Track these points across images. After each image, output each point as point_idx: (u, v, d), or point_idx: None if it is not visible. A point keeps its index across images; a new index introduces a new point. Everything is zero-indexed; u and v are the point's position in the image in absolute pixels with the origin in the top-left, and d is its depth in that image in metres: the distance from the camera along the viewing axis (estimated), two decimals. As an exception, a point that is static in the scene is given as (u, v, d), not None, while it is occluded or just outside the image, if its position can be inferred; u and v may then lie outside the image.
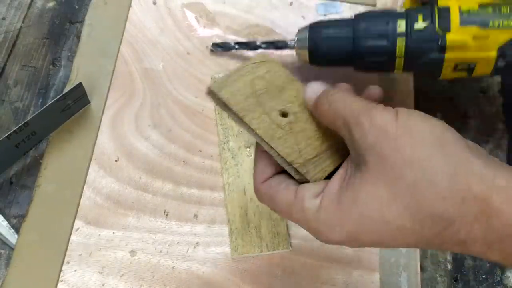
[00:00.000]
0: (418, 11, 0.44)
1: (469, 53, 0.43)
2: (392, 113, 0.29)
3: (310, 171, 0.33)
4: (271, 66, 0.36)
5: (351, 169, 0.31)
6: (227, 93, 0.33)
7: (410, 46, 0.44)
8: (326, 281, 0.45)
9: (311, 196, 0.31)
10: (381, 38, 0.44)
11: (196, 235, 0.46)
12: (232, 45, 0.53)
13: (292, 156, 0.33)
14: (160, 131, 0.50)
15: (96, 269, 0.44)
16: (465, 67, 0.44)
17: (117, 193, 0.47)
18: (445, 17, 0.43)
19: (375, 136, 0.29)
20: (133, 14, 0.56)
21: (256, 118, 0.33)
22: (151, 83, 0.53)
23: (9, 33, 0.55)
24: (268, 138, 0.33)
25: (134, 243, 0.45)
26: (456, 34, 0.43)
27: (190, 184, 0.48)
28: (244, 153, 0.49)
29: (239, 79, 0.34)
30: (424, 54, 0.44)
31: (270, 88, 0.35)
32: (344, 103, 0.31)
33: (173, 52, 0.55)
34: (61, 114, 0.48)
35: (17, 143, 0.46)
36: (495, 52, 0.43)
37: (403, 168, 0.28)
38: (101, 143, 0.49)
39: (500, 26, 0.42)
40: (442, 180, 0.27)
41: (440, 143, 0.28)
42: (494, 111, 0.54)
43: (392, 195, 0.28)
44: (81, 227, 0.46)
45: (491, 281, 0.47)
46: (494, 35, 0.42)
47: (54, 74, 0.53)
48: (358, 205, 0.29)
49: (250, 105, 0.33)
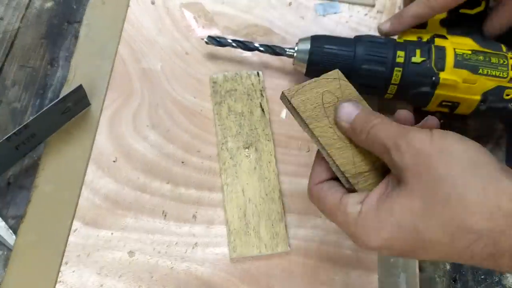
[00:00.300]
0: (416, 46, 0.47)
1: (457, 93, 0.47)
2: (427, 134, 0.31)
3: (360, 183, 0.36)
4: (342, 83, 0.39)
5: (391, 184, 0.33)
6: (298, 100, 0.37)
7: (406, 77, 0.47)
8: (325, 281, 0.45)
9: (354, 203, 0.34)
10: (380, 65, 0.47)
11: (195, 235, 0.46)
12: (228, 41, 0.52)
13: (346, 166, 0.36)
14: (159, 132, 0.50)
15: (94, 270, 0.44)
16: (449, 104, 0.48)
17: (115, 194, 0.47)
18: (441, 57, 0.46)
19: (411, 156, 0.31)
20: (131, 14, 0.56)
21: (320, 127, 0.37)
22: (149, 83, 0.53)
23: (7, 33, 0.55)
24: (328, 146, 0.36)
25: (132, 244, 0.45)
26: (449, 74, 0.46)
27: (188, 185, 0.48)
28: (242, 154, 0.49)
29: (311, 89, 0.38)
30: (417, 86, 0.47)
31: (337, 103, 0.38)
32: (381, 131, 0.34)
33: (172, 52, 0.54)
34: (61, 116, 0.48)
35: (16, 145, 0.46)
36: (479, 96, 0.47)
37: (437, 184, 0.30)
38: (99, 144, 0.49)
39: (488, 74, 0.46)
40: (472, 196, 0.29)
41: (473, 163, 0.30)
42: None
43: (425, 208, 0.30)
44: (79, 228, 0.46)
45: (489, 281, 0.47)
46: (481, 81, 0.46)
47: (52, 74, 0.53)
48: (394, 215, 0.31)
49: (317, 114, 0.37)
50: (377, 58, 0.47)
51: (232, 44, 0.52)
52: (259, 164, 0.49)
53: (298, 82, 0.54)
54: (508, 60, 0.46)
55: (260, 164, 0.49)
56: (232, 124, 0.50)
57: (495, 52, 0.47)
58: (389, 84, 0.48)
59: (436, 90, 0.47)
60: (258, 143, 0.50)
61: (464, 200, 0.29)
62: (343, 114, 0.36)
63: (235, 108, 0.51)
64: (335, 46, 0.48)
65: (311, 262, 0.45)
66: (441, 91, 0.47)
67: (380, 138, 0.33)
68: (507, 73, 0.46)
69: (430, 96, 0.47)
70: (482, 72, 0.46)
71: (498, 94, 0.46)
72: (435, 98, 0.47)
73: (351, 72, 0.47)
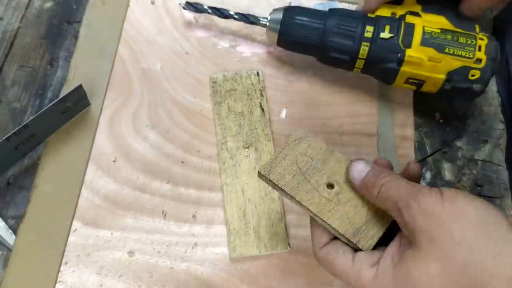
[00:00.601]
0: (387, 22, 0.47)
1: (422, 71, 0.47)
2: (438, 196, 0.32)
3: (361, 239, 0.35)
4: (309, 141, 0.40)
5: (404, 246, 0.33)
6: (276, 175, 0.38)
7: (373, 52, 0.47)
8: (325, 282, 0.45)
9: (367, 267, 0.34)
10: (348, 38, 0.47)
11: (195, 235, 0.46)
12: (204, 7, 0.53)
13: (344, 227, 0.36)
14: (158, 132, 0.50)
15: (94, 270, 0.44)
16: (415, 82, 0.48)
17: (115, 194, 0.47)
18: (409, 34, 0.46)
19: (424, 219, 0.31)
20: (131, 14, 0.56)
21: (306, 195, 0.37)
22: (149, 83, 0.53)
23: (6, 33, 0.55)
24: (320, 213, 0.36)
25: (132, 244, 0.45)
26: (415, 52, 0.46)
27: (188, 185, 0.48)
28: (242, 154, 0.49)
29: (284, 158, 0.38)
30: (383, 62, 0.47)
31: (313, 163, 0.38)
32: (393, 188, 0.34)
33: (171, 52, 0.54)
34: (60, 116, 0.48)
35: (16, 145, 0.46)
36: (444, 75, 0.47)
37: (453, 249, 0.30)
38: (99, 144, 0.49)
39: (454, 53, 0.46)
40: (489, 260, 0.29)
41: (485, 225, 0.31)
42: (493, 111, 0.54)
43: (443, 273, 0.30)
44: (79, 228, 0.46)
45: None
46: (446, 60, 0.46)
47: (51, 75, 0.53)
48: (411, 279, 0.31)
49: (299, 183, 0.37)
50: (345, 32, 0.47)
51: (208, 11, 0.53)
52: (259, 164, 0.49)
53: (298, 81, 0.54)
54: (476, 40, 0.46)
55: (260, 164, 0.48)
56: (232, 124, 0.50)
57: (465, 32, 0.47)
58: (356, 58, 0.48)
59: (402, 66, 0.47)
60: (257, 143, 0.50)
61: (481, 265, 0.30)
62: (355, 171, 0.37)
63: (234, 108, 0.51)
64: (306, 18, 0.49)
65: (311, 262, 0.45)
66: (406, 68, 0.47)
67: (391, 197, 0.34)
68: (473, 54, 0.46)
69: (396, 72, 0.47)
70: (448, 51, 0.46)
71: (463, 74, 0.46)
72: (401, 75, 0.48)
73: (320, 44, 0.48)
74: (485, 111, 0.54)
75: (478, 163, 0.51)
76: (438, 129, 0.53)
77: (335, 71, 0.54)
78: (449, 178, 0.50)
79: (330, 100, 0.53)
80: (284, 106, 0.52)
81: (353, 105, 0.53)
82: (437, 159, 0.51)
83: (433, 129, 0.53)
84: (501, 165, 0.51)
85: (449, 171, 0.51)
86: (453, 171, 0.51)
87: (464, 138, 0.52)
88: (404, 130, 0.52)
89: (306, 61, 0.54)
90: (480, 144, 0.52)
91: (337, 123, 0.52)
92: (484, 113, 0.54)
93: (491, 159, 0.51)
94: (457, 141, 0.52)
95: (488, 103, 0.54)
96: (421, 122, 0.53)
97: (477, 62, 0.46)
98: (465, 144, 0.52)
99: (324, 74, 0.54)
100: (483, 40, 0.46)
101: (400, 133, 0.52)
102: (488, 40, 0.46)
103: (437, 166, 0.51)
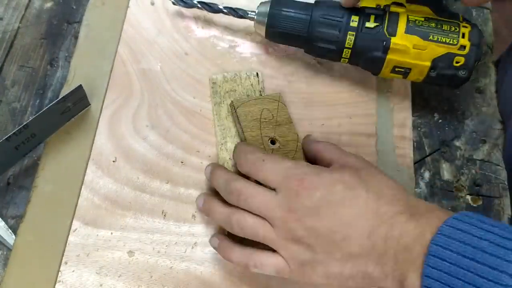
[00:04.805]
0: (371, 11, 0.48)
1: (408, 59, 0.48)
2: None
3: None
4: (281, 106, 0.49)
5: None
6: (242, 111, 0.48)
7: (358, 41, 0.48)
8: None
9: None
10: (334, 28, 0.48)
11: (194, 235, 0.46)
12: (194, 2, 0.54)
13: None
14: (158, 132, 0.50)
15: (94, 270, 0.44)
16: (401, 70, 0.49)
17: (114, 194, 0.47)
18: (394, 22, 0.48)
19: None
20: (130, 14, 0.56)
21: (252, 138, 0.46)
22: (149, 83, 0.53)
23: (6, 33, 0.55)
24: None
25: (132, 244, 0.45)
26: (400, 40, 0.47)
27: (188, 185, 0.48)
28: (242, 154, 0.49)
29: (255, 105, 0.48)
30: (370, 51, 0.48)
31: (272, 120, 0.48)
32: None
33: (171, 53, 0.55)
34: (60, 116, 0.48)
35: (16, 145, 0.46)
36: (429, 63, 0.48)
37: None
38: (99, 144, 0.49)
39: (438, 40, 0.47)
40: None
41: None
42: (491, 112, 0.54)
43: None
44: (78, 228, 0.46)
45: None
46: (431, 48, 0.47)
47: (51, 75, 0.53)
48: None
49: (253, 126, 0.47)
50: (331, 22, 0.48)
51: (198, 6, 0.54)
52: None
53: (297, 82, 0.54)
54: (460, 28, 0.47)
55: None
56: (231, 125, 0.50)
57: (449, 20, 0.48)
58: (343, 48, 0.49)
59: (388, 55, 0.48)
60: (257, 143, 0.50)
61: None
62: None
63: (234, 108, 0.51)
64: (292, 9, 0.50)
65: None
66: (392, 56, 0.48)
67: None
68: (457, 40, 0.47)
69: (382, 61, 0.48)
70: (432, 39, 0.47)
71: (448, 61, 0.47)
72: (387, 63, 0.48)
73: (307, 35, 0.49)
74: (484, 111, 0.54)
75: (476, 163, 0.51)
76: (436, 129, 0.53)
77: (333, 72, 0.54)
78: (448, 178, 0.50)
79: (329, 100, 0.53)
80: (284, 107, 0.52)
81: (352, 105, 0.53)
82: (435, 159, 0.51)
83: (431, 129, 0.53)
84: (500, 165, 0.51)
85: (448, 171, 0.51)
86: (452, 171, 0.51)
87: (462, 138, 0.53)
88: (403, 130, 0.52)
89: (305, 62, 0.55)
90: (478, 144, 0.52)
91: (336, 123, 0.52)
92: (482, 113, 0.54)
93: (490, 159, 0.52)
94: (455, 141, 0.52)
95: (486, 103, 0.55)
96: (419, 122, 0.53)
97: (461, 48, 0.47)
98: (464, 144, 0.52)
99: (323, 75, 0.54)
100: (467, 28, 0.47)
101: (398, 133, 0.52)
102: (471, 27, 0.48)
103: (436, 166, 0.51)
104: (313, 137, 0.47)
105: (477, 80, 0.56)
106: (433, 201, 0.49)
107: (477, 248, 0.32)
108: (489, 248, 0.32)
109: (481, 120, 0.54)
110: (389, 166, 0.50)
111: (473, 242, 0.32)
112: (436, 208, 0.37)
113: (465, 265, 0.32)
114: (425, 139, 0.52)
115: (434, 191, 0.50)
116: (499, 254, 0.31)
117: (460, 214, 0.35)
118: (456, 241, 0.33)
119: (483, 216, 0.35)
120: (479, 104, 0.54)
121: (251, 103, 0.48)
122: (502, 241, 0.32)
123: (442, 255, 0.32)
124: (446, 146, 0.52)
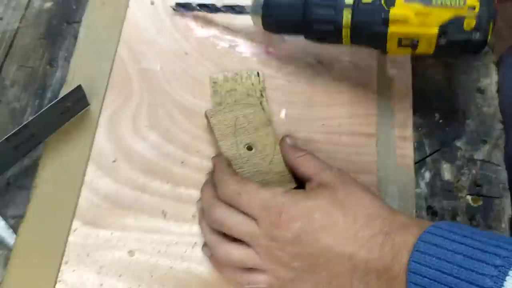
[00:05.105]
0: None
1: (411, 29, 0.45)
2: None
3: None
4: (256, 109, 0.49)
5: None
6: (216, 120, 0.48)
7: (356, 18, 0.46)
8: (324, 281, 0.45)
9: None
10: (329, 8, 0.47)
11: (194, 235, 0.46)
12: (193, 6, 0.54)
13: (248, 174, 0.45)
14: (158, 132, 0.50)
15: (94, 269, 0.44)
16: (408, 42, 0.46)
17: (115, 194, 0.47)
18: None
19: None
20: (130, 14, 0.56)
21: (227, 145, 0.46)
22: (149, 83, 0.53)
23: (6, 33, 0.55)
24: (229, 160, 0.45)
25: (132, 243, 0.45)
26: (400, 9, 0.44)
27: (188, 185, 0.48)
28: (242, 154, 0.49)
29: (230, 112, 0.48)
30: (369, 26, 0.46)
31: (247, 126, 0.48)
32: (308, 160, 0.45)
33: (171, 53, 0.55)
34: (60, 116, 0.48)
35: (16, 145, 0.46)
36: (436, 29, 0.44)
37: None
38: (99, 144, 0.49)
39: (443, 4, 0.43)
40: None
41: None
42: (492, 111, 0.54)
43: None
44: (79, 228, 0.46)
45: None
46: (436, 13, 0.44)
47: (51, 75, 0.53)
48: None
49: (228, 134, 0.47)
50: (326, 2, 0.47)
51: (197, 8, 0.54)
52: (258, 164, 0.49)
53: (297, 82, 0.54)
54: None
55: (260, 164, 0.49)
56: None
57: None
58: (341, 27, 0.47)
59: (389, 27, 0.45)
60: (257, 143, 0.50)
61: None
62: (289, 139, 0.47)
63: (234, 108, 0.51)
64: None
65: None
66: (394, 28, 0.45)
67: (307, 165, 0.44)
68: (464, 1, 0.43)
69: (384, 35, 0.45)
70: (436, 3, 0.43)
71: (457, 25, 0.43)
72: (390, 37, 0.46)
73: (304, 19, 0.48)
74: (484, 111, 0.54)
75: (477, 163, 0.51)
76: (437, 129, 0.53)
77: (334, 72, 0.54)
78: (448, 178, 0.50)
79: (330, 100, 0.53)
80: (284, 107, 0.52)
81: (352, 105, 0.53)
82: (436, 159, 0.51)
83: (432, 130, 0.53)
84: (500, 165, 0.51)
85: (448, 171, 0.51)
86: (452, 171, 0.51)
87: (463, 138, 0.53)
88: (403, 130, 0.52)
89: (305, 62, 0.55)
90: (479, 145, 0.52)
91: (336, 123, 0.52)
92: (483, 113, 0.54)
93: (490, 159, 0.51)
94: (456, 141, 0.52)
95: (487, 103, 0.54)
96: (420, 123, 0.53)
97: (471, 9, 0.43)
98: (464, 144, 0.52)
99: (323, 75, 0.54)
100: None
101: (399, 133, 0.52)
102: None
103: (436, 166, 0.51)
104: (290, 140, 0.46)
105: (478, 80, 0.56)
106: (434, 201, 0.49)
107: (453, 263, 0.33)
108: (464, 263, 0.33)
109: (481, 120, 0.54)
110: (389, 166, 0.50)
111: (448, 257, 0.33)
112: (410, 223, 0.38)
113: (444, 281, 0.33)
114: (426, 139, 0.52)
115: (434, 191, 0.50)
116: (473, 267, 0.32)
117: (433, 226, 0.36)
118: (433, 257, 0.34)
119: (453, 225, 0.36)
120: (479, 104, 0.54)
121: (226, 110, 0.48)
122: (474, 253, 0.33)
123: (423, 272, 0.34)
124: (446, 146, 0.52)
